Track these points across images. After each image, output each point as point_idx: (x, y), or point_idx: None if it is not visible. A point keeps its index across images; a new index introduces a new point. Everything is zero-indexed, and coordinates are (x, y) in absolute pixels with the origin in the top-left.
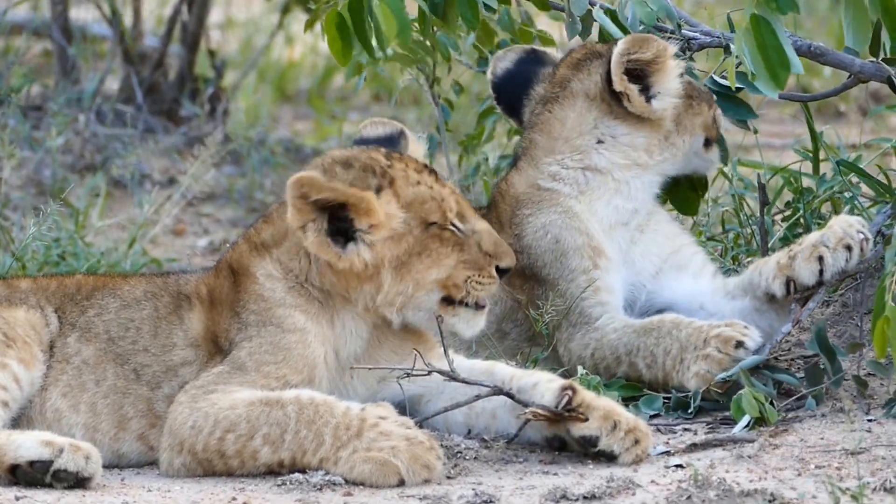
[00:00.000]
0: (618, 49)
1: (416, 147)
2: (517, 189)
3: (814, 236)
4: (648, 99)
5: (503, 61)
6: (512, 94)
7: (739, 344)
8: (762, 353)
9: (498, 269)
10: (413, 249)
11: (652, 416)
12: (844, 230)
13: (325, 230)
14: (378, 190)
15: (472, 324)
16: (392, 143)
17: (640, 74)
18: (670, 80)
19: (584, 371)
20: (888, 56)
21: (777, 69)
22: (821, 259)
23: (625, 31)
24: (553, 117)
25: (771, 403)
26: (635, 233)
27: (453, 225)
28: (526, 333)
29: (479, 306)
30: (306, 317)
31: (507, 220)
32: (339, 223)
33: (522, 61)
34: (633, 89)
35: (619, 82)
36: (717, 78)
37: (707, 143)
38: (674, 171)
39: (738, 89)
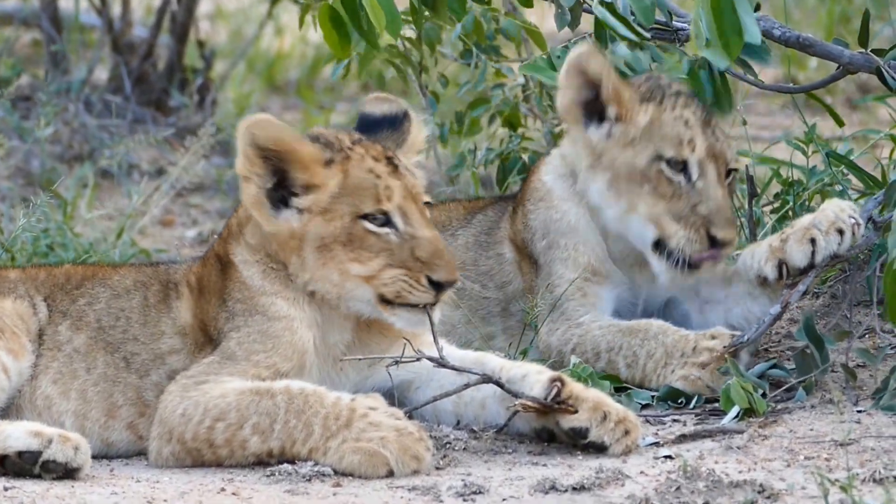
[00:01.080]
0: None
1: (420, 129)
2: (540, 178)
3: (806, 219)
4: None
5: None
6: None
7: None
8: (750, 339)
9: (433, 282)
10: (339, 237)
11: (641, 407)
12: (837, 214)
13: (267, 190)
14: (330, 161)
15: (413, 322)
16: (394, 123)
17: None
18: None
19: (578, 360)
20: None
21: (730, 37)
22: (813, 241)
23: (625, 22)
24: None
25: (763, 395)
26: None
27: (387, 219)
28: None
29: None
30: (288, 303)
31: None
32: (284, 192)
33: None
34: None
35: None
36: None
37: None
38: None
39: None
